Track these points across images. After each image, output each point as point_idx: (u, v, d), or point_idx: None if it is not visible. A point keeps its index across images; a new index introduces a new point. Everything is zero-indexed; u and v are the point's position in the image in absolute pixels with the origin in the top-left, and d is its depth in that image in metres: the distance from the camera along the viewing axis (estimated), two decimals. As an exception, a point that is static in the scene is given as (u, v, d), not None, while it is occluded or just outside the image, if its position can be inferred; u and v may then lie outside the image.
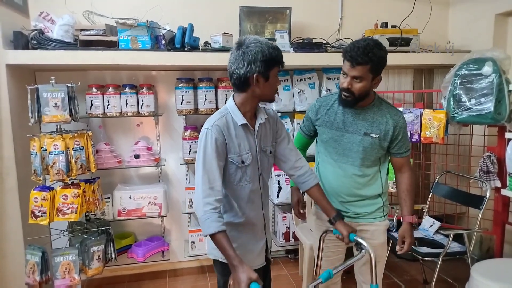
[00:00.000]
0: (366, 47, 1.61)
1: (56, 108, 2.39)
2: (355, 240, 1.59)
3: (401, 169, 1.90)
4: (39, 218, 2.40)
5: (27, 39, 2.52)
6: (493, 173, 2.63)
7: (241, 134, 1.57)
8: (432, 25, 3.45)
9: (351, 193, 1.86)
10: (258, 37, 1.51)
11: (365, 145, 1.78)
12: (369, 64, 1.63)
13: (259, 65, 1.46)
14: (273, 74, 1.51)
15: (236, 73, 1.49)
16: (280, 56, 1.52)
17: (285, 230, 3.25)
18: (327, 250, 1.98)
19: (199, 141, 1.52)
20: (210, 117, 1.58)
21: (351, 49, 1.64)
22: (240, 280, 1.34)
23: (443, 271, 2.74)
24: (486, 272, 2.10)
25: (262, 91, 1.52)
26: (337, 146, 1.84)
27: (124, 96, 2.87)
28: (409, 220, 1.85)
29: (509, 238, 2.94)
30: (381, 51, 1.65)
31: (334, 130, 1.83)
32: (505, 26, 3.15)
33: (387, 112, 1.79)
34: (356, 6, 3.40)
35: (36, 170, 2.41)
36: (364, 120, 1.78)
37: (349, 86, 1.68)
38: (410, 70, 3.46)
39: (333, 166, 1.87)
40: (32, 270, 2.44)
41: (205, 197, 1.44)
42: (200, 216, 1.44)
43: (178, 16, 2.95)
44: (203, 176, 1.46)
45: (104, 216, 2.93)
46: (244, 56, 1.47)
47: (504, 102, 2.44)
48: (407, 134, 1.87)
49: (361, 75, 1.65)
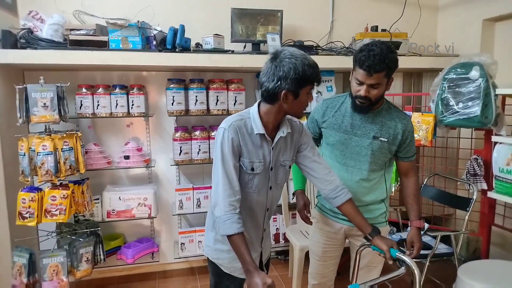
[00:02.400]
0: (382, 54, 1.58)
1: (45, 108, 2.36)
2: (397, 256, 1.50)
3: (407, 174, 1.88)
4: (27, 220, 2.37)
5: (15, 38, 2.48)
6: (479, 175, 2.67)
7: (256, 142, 1.53)
8: (421, 29, 3.49)
9: (355, 197, 1.80)
10: (296, 50, 1.44)
11: (374, 148, 1.77)
12: (385, 70, 1.61)
13: (290, 83, 1.40)
14: (304, 92, 1.45)
15: (266, 85, 1.44)
16: (316, 74, 1.43)
17: (275, 231, 3.26)
18: (324, 255, 1.98)
19: (216, 140, 1.51)
20: (229, 117, 1.54)
21: (367, 58, 1.59)
22: (256, 285, 1.32)
23: (431, 272, 2.77)
24: (472, 273, 2.13)
25: (290, 107, 1.47)
26: (344, 150, 1.81)
27: (114, 96, 2.85)
28: (417, 225, 1.83)
29: (495, 239, 2.99)
30: (394, 54, 1.63)
31: (342, 133, 1.80)
32: (492, 31, 3.20)
33: (396, 116, 1.78)
34: (347, 10, 3.44)
35: (24, 171, 2.38)
36: (373, 124, 1.76)
37: (367, 94, 1.65)
38: (399, 73, 3.50)
39: (339, 170, 1.82)
40: (19, 272, 2.40)
41: (226, 197, 1.44)
42: (221, 215, 1.44)
43: (170, 17, 2.94)
44: (223, 176, 1.45)
45: (93, 218, 2.90)
46: (275, 70, 1.41)
47: (490, 106, 2.49)
48: (414, 138, 1.86)
49: (378, 82, 1.63)
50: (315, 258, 2.01)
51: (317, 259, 2.00)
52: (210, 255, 1.66)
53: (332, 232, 1.93)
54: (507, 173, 2.37)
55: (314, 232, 2.03)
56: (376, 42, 1.65)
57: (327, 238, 1.95)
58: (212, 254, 1.65)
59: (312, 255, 2.03)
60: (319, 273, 2.01)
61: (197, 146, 3.00)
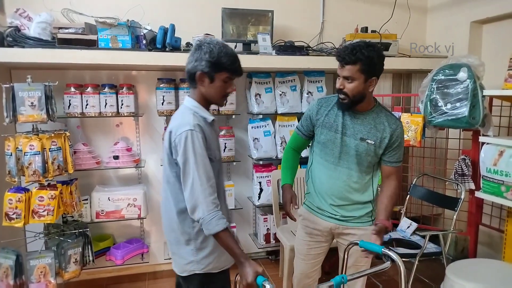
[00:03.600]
0: (355, 47, 1.63)
1: (33, 108, 2.33)
2: (383, 252, 1.51)
3: (389, 177, 1.85)
4: (14, 220, 2.34)
5: (2, 36, 2.44)
6: (467, 175, 2.71)
7: (212, 130, 1.61)
8: (410, 30, 3.53)
9: (342, 196, 1.84)
10: (220, 41, 1.54)
11: (359, 150, 1.77)
12: (358, 64, 1.63)
13: (204, 65, 1.50)
14: (219, 78, 1.53)
15: (187, 68, 1.55)
16: (231, 63, 1.52)
17: (266, 231, 3.25)
18: (309, 253, 1.98)
19: (184, 144, 1.47)
20: (182, 120, 1.53)
21: (341, 50, 1.68)
22: (247, 274, 1.38)
23: (420, 271, 2.80)
24: (460, 272, 2.15)
25: (207, 91, 1.56)
26: (334, 148, 1.82)
27: (104, 96, 2.82)
28: (385, 224, 1.72)
29: (482, 238, 3.04)
30: (372, 51, 1.64)
31: (333, 132, 1.81)
32: (480, 33, 3.25)
33: (386, 119, 1.78)
34: (337, 11, 3.45)
35: (11, 171, 2.35)
36: (362, 125, 1.77)
37: (342, 86, 1.69)
38: (389, 74, 3.53)
39: (328, 168, 1.84)
40: (5, 274, 2.37)
41: (207, 196, 1.45)
42: (204, 216, 1.43)
43: (160, 16, 2.92)
44: (201, 176, 1.45)
45: (82, 218, 2.86)
46: (194, 53, 1.52)
47: (478, 107, 2.52)
48: (403, 144, 1.84)
49: (351, 75, 1.66)
50: (299, 257, 2.02)
51: (302, 257, 2.00)
52: (198, 268, 1.59)
53: (318, 229, 1.93)
54: (494, 173, 2.40)
55: (299, 229, 2.04)
56: (362, 41, 1.70)
57: (313, 235, 1.96)
58: (200, 266, 1.59)
59: (297, 253, 2.04)
60: (303, 274, 2.01)
61: (188, 146, 2.98)
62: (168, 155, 1.56)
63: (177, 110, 1.67)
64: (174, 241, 1.63)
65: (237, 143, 3.24)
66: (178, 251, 1.62)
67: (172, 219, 1.59)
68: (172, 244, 1.65)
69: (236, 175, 3.37)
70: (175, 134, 1.50)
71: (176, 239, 1.61)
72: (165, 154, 1.57)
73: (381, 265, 1.46)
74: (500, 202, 2.42)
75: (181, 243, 1.59)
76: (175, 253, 1.65)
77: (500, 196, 2.39)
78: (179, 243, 1.60)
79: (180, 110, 1.62)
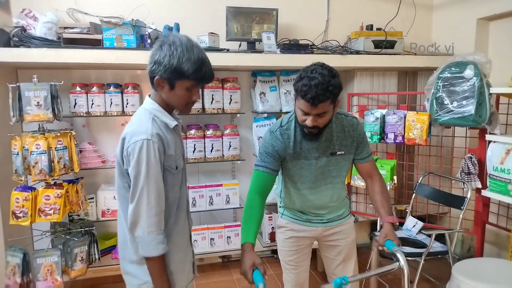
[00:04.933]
0: (324, 83, 1.46)
1: (39, 107, 2.35)
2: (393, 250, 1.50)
3: (371, 175, 1.80)
4: (21, 219, 2.36)
5: (8, 36, 2.46)
6: (474, 174, 2.68)
7: (174, 136, 1.44)
8: (416, 28, 3.50)
9: (324, 206, 1.81)
10: (187, 40, 1.33)
11: (333, 164, 1.73)
12: (330, 99, 1.50)
13: (162, 70, 1.31)
14: (182, 85, 1.34)
15: (148, 67, 1.36)
16: (194, 71, 1.31)
17: (271, 230, 3.25)
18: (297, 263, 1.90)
19: (138, 155, 1.30)
20: (139, 126, 1.35)
21: (309, 89, 1.46)
22: None
23: (426, 270, 2.78)
24: (467, 271, 2.14)
25: (167, 97, 1.38)
26: (308, 175, 1.74)
27: (109, 95, 2.83)
28: (390, 220, 1.67)
29: (489, 237, 3.01)
30: (336, 78, 1.50)
31: (303, 159, 1.71)
32: (486, 30, 3.22)
33: (345, 124, 1.73)
34: (342, 8, 3.43)
35: (18, 170, 2.37)
36: (326, 141, 1.70)
37: (314, 123, 1.55)
38: (394, 72, 3.50)
39: (308, 193, 1.78)
40: (12, 272, 2.39)
41: (151, 216, 1.31)
42: (143, 235, 1.31)
43: (164, 15, 2.93)
44: (149, 194, 1.31)
45: (88, 217, 2.88)
46: (155, 53, 1.33)
47: (484, 105, 2.50)
48: (366, 138, 1.81)
49: (325, 110, 1.52)
50: (289, 269, 1.91)
51: (292, 269, 1.91)
52: None
53: (306, 237, 1.87)
54: (501, 171, 2.38)
55: (283, 241, 1.90)
56: (317, 67, 1.51)
57: (299, 244, 1.88)
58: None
59: (286, 266, 1.91)
60: (298, 284, 1.93)
61: (192, 145, 3.00)
62: (119, 163, 1.40)
63: (136, 112, 1.47)
64: (127, 259, 1.45)
65: (242, 142, 3.24)
66: (132, 270, 1.44)
67: (126, 235, 1.42)
68: (125, 262, 1.47)
69: (241, 174, 3.37)
70: (129, 141, 1.33)
71: (129, 257, 1.44)
72: (116, 163, 1.42)
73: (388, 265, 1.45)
74: (507, 201, 2.40)
75: (135, 262, 1.42)
76: (127, 273, 1.46)
77: (507, 195, 2.37)
78: (132, 261, 1.43)
79: (138, 114, 1.42)
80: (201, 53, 1.35)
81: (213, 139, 3.04)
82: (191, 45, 1.33)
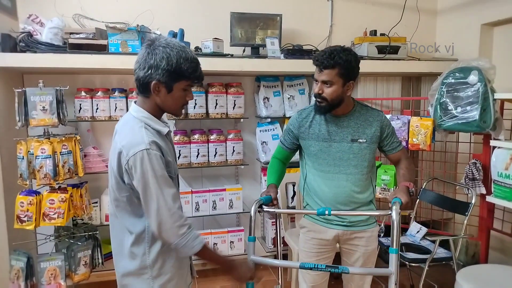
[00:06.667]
0: (333, 52, 1.65)
1: (44, 112, 2.37)
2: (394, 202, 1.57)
3: (399, 160, 1.90)
4: (25, 223, 2.37)
5: (15, 42, 2.49)
6: (478, 180, 2.67)
7: (167, 142, 1.43)
8: (420, 33, 3.50)
9: (346, 201, 1.82)
10: (174, 41, 1.32)
11: (354, 151, 1.78)
12: (336, 68, 1.65)
13: (161, 74, 1.28)
14: (178, 87, 1.33)
15: (137, 73, 1.32)
16: (192, 70, 1.31)
17: (274, 235, 3.25)
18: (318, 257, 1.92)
19: (141, 167, 1.27)
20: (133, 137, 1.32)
21: (319, 55, 1.69)
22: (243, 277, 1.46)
23: (430, 277, 2.77)
24: (471, 277, 2.13)
25: (163, 102, 1.35)
26: (327, 157, 1.81)
27: (114, 100, 2.85)
28: (405, 184, 1.72)
29: (494, 244, 2.99)
30: (349, 55, 1.66)
31: (321, 141, 1.81)
32: (490, 36, 3.21)
33: (370, 115, 1.81)
34: (345, 14, 3.45)
35: (23, 174, 2.38)
36: (349, 127, 1.79)
37: (320, 91, 1.70)
38: (398, 77, 3.50)
39: (326, 178, 1.83)
40: (16, 275, 2.40)
41: (176, 221, 1.30)
42: (177, 241, 1.30)
43: (169, 20, 2.95)
44: (167, 201, 1.29)
45: (92, 221, 2.89)
46: (147, 58, 1.29)
47: (489, 110, 2.49)
48: (394, 129, 1.90)
49: (329, 79, 1.67)
50: (305, 271, 1.93)
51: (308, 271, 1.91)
52: None
53: (325, 239, 1.89)
54: (505, 177, 2.37)
55: (304, 242, 1.97)
56: (338, 45, 1.72)
57: (320, 246, 1.91)
58: None
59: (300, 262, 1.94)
60: (316, 285, 1.95)
61: (196, 150, 3.00)
62: (116, 178, 1.37)
63: (122, 121, 1.43)
64: (123, 272, 1.43)
65: (246, 147, 3.24)
66: (130, 282, 1.42)
67: (124, 246, 1.41)
68: (121, 275, 1.44)
69: (244, 179, 3.38)
70: (127, 155, 1.29)
71: (125, 269, 1.42)
72: (112, 177, 1.39)
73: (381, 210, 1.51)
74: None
75: (132, 273, 1.41)
76: (125, 286, 1.44)
77: (512, 201, 2.36)
78: (130, 274, 1.41)
79: (128, 123, 1.38)
80: (193, 53, 1.36)
81: (217, 144, 3.05)
82: (182, 45, 1.33)
